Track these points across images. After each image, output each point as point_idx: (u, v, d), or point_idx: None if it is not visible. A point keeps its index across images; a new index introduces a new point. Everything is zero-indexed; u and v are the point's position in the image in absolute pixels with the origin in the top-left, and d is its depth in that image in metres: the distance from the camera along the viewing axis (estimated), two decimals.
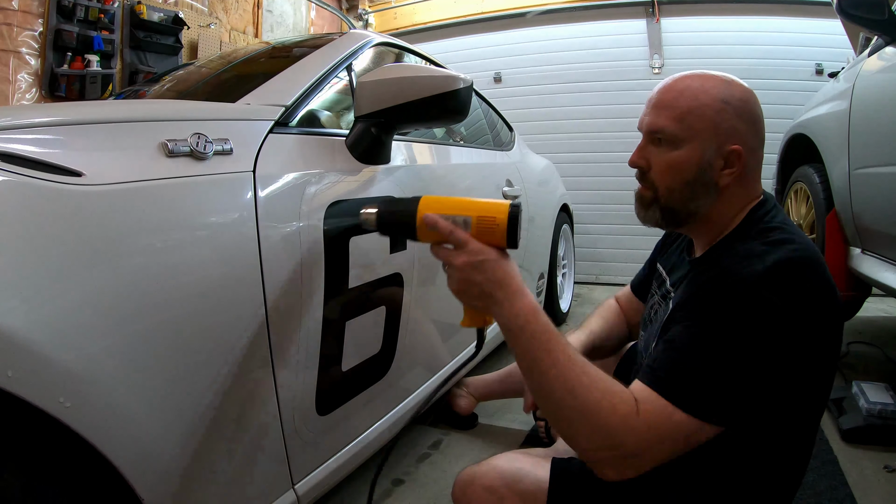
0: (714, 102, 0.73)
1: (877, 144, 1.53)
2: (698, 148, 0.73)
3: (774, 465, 0.75)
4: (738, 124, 0.73)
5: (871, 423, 1.41)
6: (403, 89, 1.00)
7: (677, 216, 0.79)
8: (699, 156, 0.74)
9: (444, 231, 0.70)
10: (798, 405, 0.71)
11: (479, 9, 4.14)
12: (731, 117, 0.73)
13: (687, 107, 0.74)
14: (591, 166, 3.80)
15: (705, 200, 0.76)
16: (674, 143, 0.75)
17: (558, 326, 2.63)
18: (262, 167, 0.84)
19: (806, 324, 0.66)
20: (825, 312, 0.68)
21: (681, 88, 0.75)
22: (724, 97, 0.73)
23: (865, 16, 1.50)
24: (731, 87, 0.75)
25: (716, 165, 0.74)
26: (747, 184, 0.76)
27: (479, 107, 2.17)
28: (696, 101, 0.73)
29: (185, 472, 0.69)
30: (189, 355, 0.69)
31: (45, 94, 2.33)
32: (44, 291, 0.54)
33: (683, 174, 0.75)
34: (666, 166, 0.76)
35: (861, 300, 1.97)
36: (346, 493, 1.24)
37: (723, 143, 0.73)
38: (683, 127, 0.74)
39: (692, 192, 0.76)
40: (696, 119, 0.73)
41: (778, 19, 3.53)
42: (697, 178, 0.74)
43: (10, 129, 0.61)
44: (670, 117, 0.75)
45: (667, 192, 0.77)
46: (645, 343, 0.91)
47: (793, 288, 0.65)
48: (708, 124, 0.73)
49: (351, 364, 1.02)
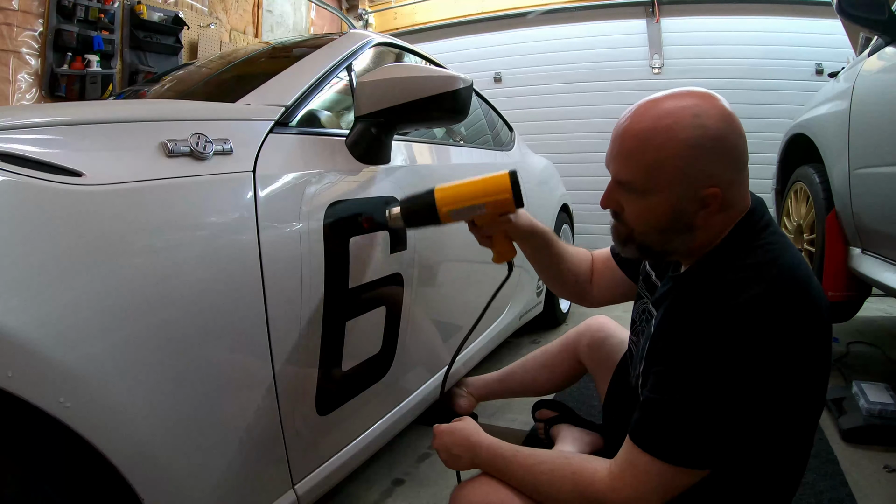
0: (682, 150, 0.66)
1: (877, 144, 1.53)
2: (669, 197, 0.68)
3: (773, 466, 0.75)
4: (712, 165, 0.66)
5: (871, 423, 1.41)
6: (403, 89, 1.00)
7: (655, 255, 0.77)
8: (671, 204, 0.68)
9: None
10: (790, 426, 0.71)
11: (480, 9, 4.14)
12: (703, 161, 0.66)
13: (653, 159, 0.67)
14: (591, 166, 3.79)
15: (683, 239, 0.72)
16: (643, 192, 0.69)
17: (558, 326, 2.64)
18: (263, 167, 0.84)
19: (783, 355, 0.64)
20: (804, 338, 0.65)
21: (645, 136, 0.68)
22: (693, 142, 0.65)
23: (865, 16, 1.50)
24: (703, 121, 0.66)
25: (690, 209, 0.68)
26: (731, 208, 0.70)
27: (479, 107, 2.17)
28: (662, 153, 0.66)
29: (184, 473, 0.69)
30: (189, 355, 0.69)
31: (45, 94, 2.33)
32: (44, 291, 0.54)
33: (657, 222, 0.70)
34: (638, 214, 0.72)
35: (861, 300, 1.97)
36: (346, 493, 1.24)
37: (697, 189, 0.67)
38: (651, 178, 0.68)
39: (667, 236, 0.72)
40: (663, 171, 0.67)
41: (778, 19, 3.53)
42: (672, 224, 0.70)
43: (10, 129, 0.61)
44: (636, 170, 0.69)
45: (641, 234, 0.74)
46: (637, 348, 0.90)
47: (764, 325, 0.63)
48: (677, 174, 0.66)
49: (351, 364, 1.02)
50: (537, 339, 2.47)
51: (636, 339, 0.93)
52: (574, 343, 1.37)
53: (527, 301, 2.17)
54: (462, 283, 1.54)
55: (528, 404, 1.55)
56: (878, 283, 1.58)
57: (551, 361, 1.43)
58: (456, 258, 1.46)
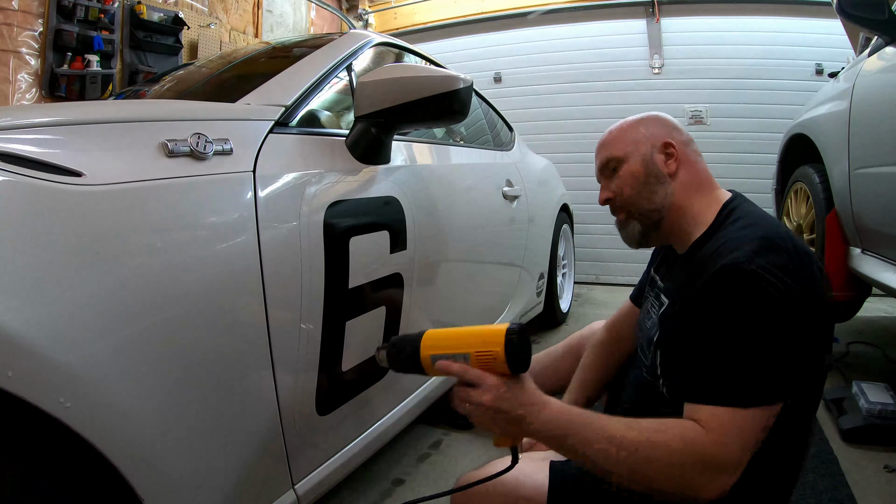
0: (635, 122, 0.93)
1: (877, 144, 1.53)
2: (639, 155, 0.90)
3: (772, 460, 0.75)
4: (658, 129, 0.91)
5: (871, 423, 1.41)
6: (403, 89, 1.00)
7: (650, 216, 0.89)
8: (641, 159, 0.89)
9: (458, 374, 0.71)
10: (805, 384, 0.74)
11: (480, 9, 4.14)
12: (652, 126, 0.92)
13: (617, 136, 0.93)
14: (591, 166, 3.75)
15: (664, 190, 0.88)
16: (621, 161, 0.91)
17: (558, 326, 2.64)
18: (263, 167, 0.84)
19: (796, 286, 0.70)
20: (808, 278, 0.72)
21: (610, 133, 0.95)
22: (640, 118, 0.93)
23: (865, 16, 1.50)
24: (640, 116, 0.94)
25: (657, 160, 0.89)
26: (694, 169, 0.89)
27: (479, 107, 2.17)
28: (622, 130, 0.94)
29: (184, 473, 0.69)
30: (189, 355, 0.69)
31: (45, 94, 2.33)
32: (44, 291, 0.54)
33: (637, 177, 0.89)
34: (623, 181, 0.91)
35: (861, 300, 1.97)
36: (346, 493, 1.24)
37: (655, 143, 0.89)
38: (622, 146, 0.92)
39: (650, 188, 0.88)
40: (627, 137, 0.92)
41: (778, 19, 3.53)
42: (648, 175, 0.88)
43: (10, 129, 0.61)
44: (611, 148, 0.93)
45: (632, 200, 0.90)
46: (643, 342, 0.93)
47: (773, 264, 0.70)
48: (637, 136, 0.91)
49: (351, 364, 1.02)
50: (538, 339, 2.47)
51: (641, 332, 0.96)
52: (578, 345, 1.37)
53: (527, 301, 2.17)
54: (462, 283, 1.54)
55: None
56: (878, 283, 1.58)
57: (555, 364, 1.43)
58: (456, 258, 1.46)
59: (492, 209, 1.76)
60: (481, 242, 1.69)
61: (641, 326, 0.97)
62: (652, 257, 1.09)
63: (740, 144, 3.51)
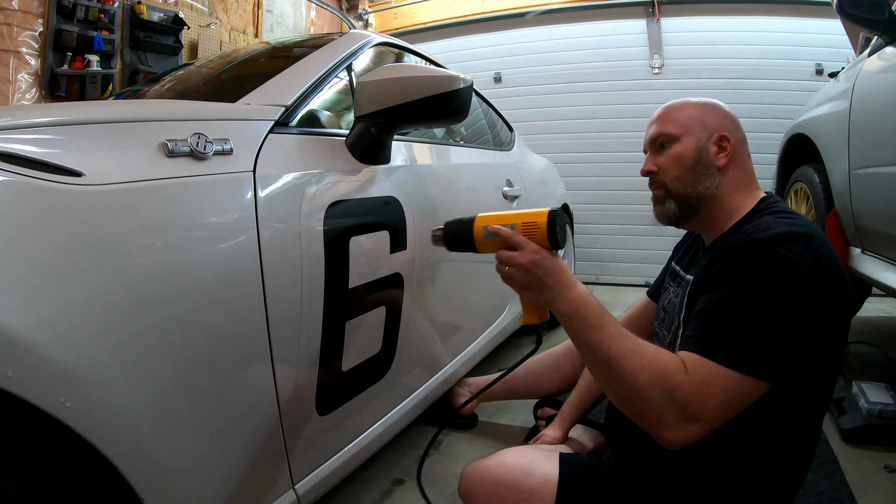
0: (698, 105, 0.92)
1: (877, 144, 1.53)
2: (693, 138, 0.89)
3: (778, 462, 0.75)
4: (720, 119, 0.90)
5: (871, 423, 1.41)
6: (403, 89, 1.00)
7: (689, 202, 0.89)
8: (695, 144, 0.88)
9: (506, 236, 0.81)
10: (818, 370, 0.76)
11: (479, 9, 4.14)
12: (713, 114, 0.90)
13: (677, 113, 0.91)
14: (591, 166, 3.79)
15: (709, 182, 0.88)
16: (673, 140, 0.90)
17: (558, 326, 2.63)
18: (263, 167, 0.84)
19: (819, 281, 0.71)
20: (834, 276, 0.74)
21: (669, 107, 0.94)
22: (704, 103, 0.92)
23: (865, 16, 1.50)
24: (705, 100, 0.93)
25: (710, 150, 0.88)
26: (742, 168, 0.89)
27: (479, 107, 2.17)
28: (683, 108, 0.92)
29: (185, 472, 0.69)
30: (189, 355, 0.69)
31: (45, 94, 2.33)
32: (44, 291, 0.54)
33: (685, 161, 0.88)
34: (670, 160, 0.89)
35: (861, 300, 1.97)
36: (346, 493, 1.24)
37: (712, 132, 0.88)
38: (677, 126, 0.90)
39: (696, 176, 0.88)
40: (685, 118, 0.90)
41: (778, 19, 3.53)
42: (697, 162, 0.88)
43: (10, 129, 0.61)
44: (666, 123, 0.91)
45: (675, 181, 0.89)
46: (664, 331, 0.94)
47: (804, 249, 0.72)
48: (696, 121, 0.89)
49: (351, 364, 1.02)
50: None
51: (662, 323, 0.98)
52: None
53: None
54: (462, 283, 1.54)
55: (528, 405, 1.55)
56: (878, 283, 1.58)
57: (555, 363, 1.43)
58: (456, 258, 1.46)
59: (492, 209, 1.76)
60: None
61: (660, 315, 0.99)
62: (674, 250, 1.10)
63: None
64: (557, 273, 0.78)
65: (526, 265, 0.78)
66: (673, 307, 0.93)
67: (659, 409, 0.71)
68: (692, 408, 0.70)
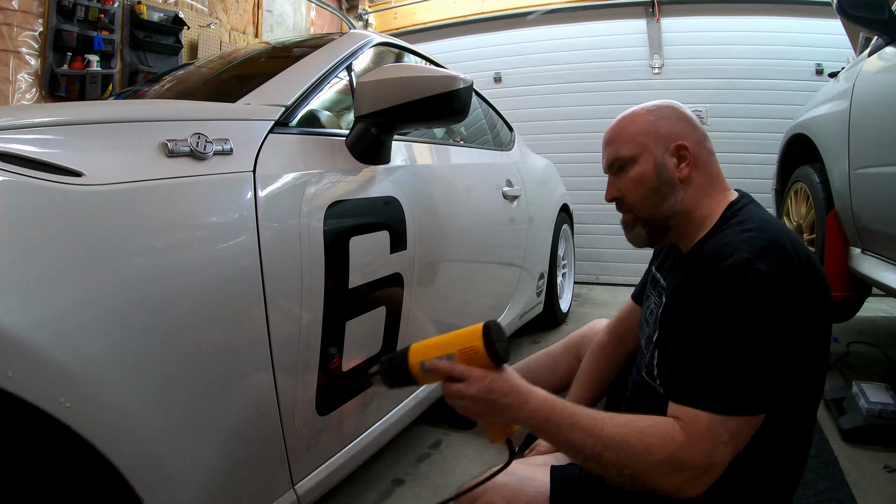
0: (647, 114, 0.86)
1: (877, 144, 1.53)
2: (650, 156, 0.84)
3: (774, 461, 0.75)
4: (673, 125, 0.85)
5: (871, 423, 1.41)
6: (403, 89, 1.00)
7: (658, 224, 0.86)
8: (653, 162, 0.84)
9: (445, 370, 0.75)
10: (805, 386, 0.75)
11: (480, 9, 4.14)
12: (665, 123, 0.85)
13: (628, 130, 0.86)
14: (592, 166, 3.78)
15: (673, 198, 0.84)
16: (630, 162, 0.85)
17: (558, 326, 2.64)
18: (263, 167, 0.84)
19: (798, 292, 0.70)
20: (812, 278, 0.72)
21: (619, 123, 0.89)
22: (650, 111, 0.86)
23: (865, 16, 1.50)
24: (655, 105, 0.88)
25: (669, 164, 0.83)
26: (706, 172, 0.85)
27: (479, 107, 2.17)
28: (633, 122, 0.87)
29: (184, 473, 0.69)
30: (189, 355, 0.69)
31: (45, 94, 2.32)
32: (44, 291, 0.54)
33: (647, 182, 0.84)
34: (632, 183, 0.85)
35: (861, 300, 1.97)
36: (346, 493, 1.24)
37: (668, 143, 0.84)
38: (632, 146, 0.85)
39: (660, 195, 0.84)
40: (637, 134, 0.85)
41: (778, 19, 3.53)
42: (660, 181, 0.83)
43: (10, 129, 0.61)
44: (619, 146, 0.86)
45: (640, 204, 0.85)
46: (645, 341, 0.93)
47: (775, 264, 0.70)
48: (649, 135, 0.84)
49: (351, 364, 1.02)
50: (537, 339, 2.47)
51: (642, 331, 0.96)
52: (577, 344, 1.37)
53: (527, 301, 2.17)
54: (462, 283, 1.54)
55: None
56: (878, 283, 1.58)
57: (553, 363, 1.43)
58: (456, 258, 1.46)
59: (492, 209, 1.76)
60: (481, 242, 1.69)
61: (643, 326, 0.97)
62: (654, 255, 1.07)
63: (740, 144, 3.51)
64: (511, 391, 0.73)
65: (476, 395, 0.73)
66: (651, 325, 0.91)
67: (669, 477, 0.68)
68: (701, 462, 0.68)
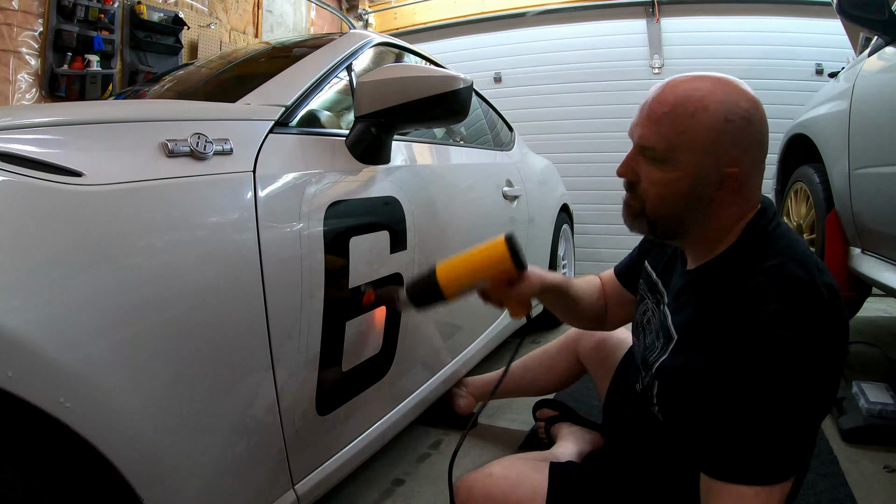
0: (714, 123, 0.66)
1: (877, 144, 1.53)
2: (692, 168, 0.68)
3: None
4: (738, 144, 0.67)
5: (871, 423, 1.41)
6: (403, 89, 1.00)
7: (667, 230, 0.75)
8: (693, 175, 0.68)
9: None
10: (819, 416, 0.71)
11: (479, 9, 4.14)
12: (731, 137, 0.66)
13: (683, 126, 0.67)
14: (591, 166, 3.79)
15: (696, 215, 0.71)
16: (665, 161, 0.69)
17: (558, 326, 2.63)
18: (263, 167, 0.84)
19: (826, 350, 0.64)
20: (839, 332, 0.66)
21: (677, 101, 0.67)
22: (726, 114, 0.66)
23: (865, 16, 1.50)
24: (735, 98, 0.67)
25: (710, 184, 0.68)
26: (743, 197, 0.71)
27: (479, 107, 2.17)
28: (694, 121, 0.66)
29: (184, 473, 0.69)
30: (189, 355, 0.69)
31: (45, 94, 2.33)
32: (44, 291, 0.54)
33: (674, 193, 0.70)
34: (656, 184, 0.71)
35: (861, 300, 1.97)
36: (346, 493, 1.24)
37: (721, 165, 0.67)
38: (677, 146, 0.67)
39: (684, 207, 0.71)
40: (691, 141, 0.66)
41: (778, 19, 3.53)
42: (689, 197, 0.69)
43: (10, 129, 0.61)
44: (663, 136, 0.68)
45: (657, 203, 0.72)
46: (642, 351, 0.90)
47: (807, 321, 0.63)
48: (705, 146, 0.66)
49: (351, 364, 1.02)
50: (537, 338, 2.47)
51: (639, 340, 0.92)
52: (574, 343, 1.37)
53: None
54: None
55: (527, 404, 1.55)
56: (878, 283, 1.58)
57: (551, 361, 1.43)
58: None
59: (492, 209, 1.76)
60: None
61: (638, 331, 0.93)
62: (646, 246, 0.98)
63: None
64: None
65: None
66: (651, 344, 0.84)
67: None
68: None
